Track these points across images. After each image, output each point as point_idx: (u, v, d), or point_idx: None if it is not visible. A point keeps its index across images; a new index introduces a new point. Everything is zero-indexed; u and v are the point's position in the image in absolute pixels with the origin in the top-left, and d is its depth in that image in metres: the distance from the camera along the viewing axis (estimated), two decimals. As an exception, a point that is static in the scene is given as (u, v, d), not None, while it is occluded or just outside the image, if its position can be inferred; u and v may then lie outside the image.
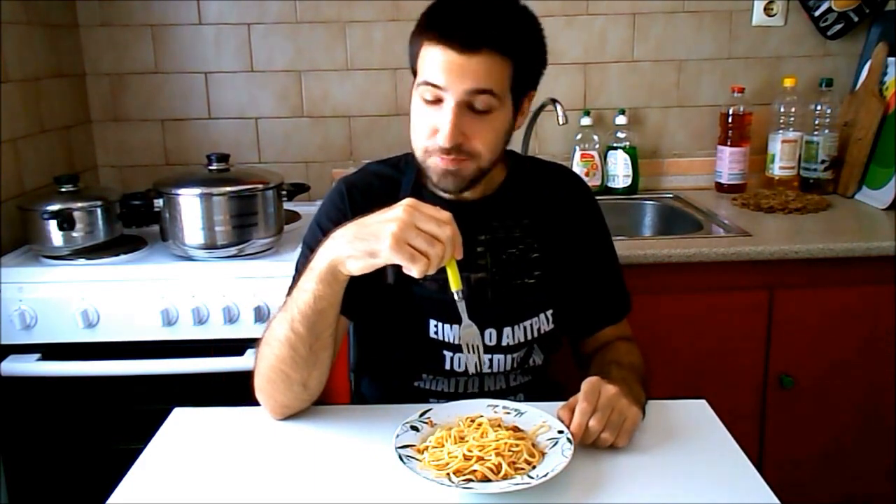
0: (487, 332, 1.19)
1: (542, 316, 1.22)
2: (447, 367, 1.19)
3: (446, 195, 1.17)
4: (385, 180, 1.23)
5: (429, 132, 1.10)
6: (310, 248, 1.19)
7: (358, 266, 0.96)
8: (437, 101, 1.08)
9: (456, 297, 1.01)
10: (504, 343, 1.20)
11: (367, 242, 0.94)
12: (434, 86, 1.07)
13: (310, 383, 1.08)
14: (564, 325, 1.27)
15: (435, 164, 1.11)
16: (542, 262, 1.23)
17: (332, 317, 1.04)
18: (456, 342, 1.18)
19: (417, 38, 1.10)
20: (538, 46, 1.13)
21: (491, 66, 1.05)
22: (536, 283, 1.22)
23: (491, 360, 1.20)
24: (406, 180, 1.22)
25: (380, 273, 1.16)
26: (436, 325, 1.18)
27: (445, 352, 1.19)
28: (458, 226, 1.15)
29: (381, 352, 1.27)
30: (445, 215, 0.95)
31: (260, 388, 1.11)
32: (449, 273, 0.99)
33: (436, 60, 1.06)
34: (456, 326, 1.17)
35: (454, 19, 1.06)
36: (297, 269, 1.20)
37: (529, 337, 1.21)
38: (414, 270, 0.93)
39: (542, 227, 1.24)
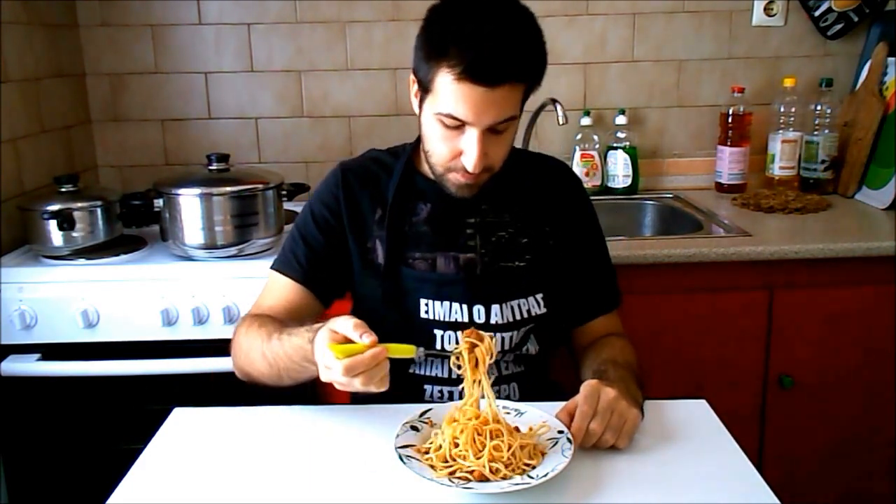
0: (476, 308, 1.21)
1: (531, 299, 1.24)
2: (438, 346, 1.21)
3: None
4: (381, 165, 1.30)
5: (450, 154, 1.14)
6: (299, 231, 1.27)
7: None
8: (459, 127, 1.10)
9: (418, 355, 1.02)
10: (493, 321, 1.21)
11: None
12: (457, 119, 1.08)
13: (280, 385, 1.15)
14: (557, 310, 1.27)
15: (455, 179, 1.16)
16: (531, 248, 1.26)
17: (307, 378, 1.08)
18: (446, 319, 1.20)
19: (433, 61, 1.07)
20: (545, 60, 1.13)
21: (511, 93, 1.08)
22: (526, 267, 1.25)
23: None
24: (399, 164, 1.27)
25: (369, 254, 1.23)
26: (426, 304, 1.21)
27: (436, 330, 1.21)
28: (448, 209, 1.23)
29: None
30: (328, 362, 0.95)
31: (237, 364, 1.21)
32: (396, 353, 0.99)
33: (459, 95, 1.06)
34: (447, 303, 1.20)
35: (478, 56, 1.03)
36: (284, 248, 1.28)
37: (519, 317, 1.23)
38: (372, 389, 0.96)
39: (531, 214, 1.27)
